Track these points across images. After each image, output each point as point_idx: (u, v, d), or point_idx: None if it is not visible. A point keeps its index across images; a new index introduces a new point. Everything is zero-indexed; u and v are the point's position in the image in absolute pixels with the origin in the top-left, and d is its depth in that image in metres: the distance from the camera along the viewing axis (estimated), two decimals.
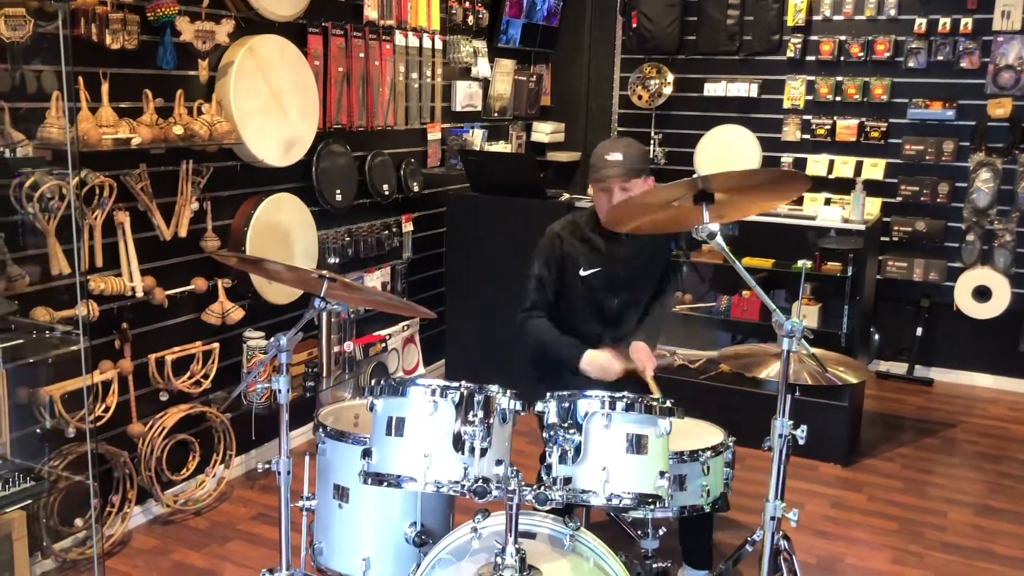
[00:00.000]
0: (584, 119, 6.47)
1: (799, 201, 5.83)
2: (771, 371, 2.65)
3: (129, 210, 3.38)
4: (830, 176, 5.77)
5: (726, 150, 5.98)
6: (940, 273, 5.58)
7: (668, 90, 6.12)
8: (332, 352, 4.35)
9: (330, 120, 4.35)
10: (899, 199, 5.59)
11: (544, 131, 6.23)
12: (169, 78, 3.49)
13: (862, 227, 4.38)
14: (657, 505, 2.19)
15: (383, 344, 4.83)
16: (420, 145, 5.15)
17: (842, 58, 5.68)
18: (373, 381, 2.37)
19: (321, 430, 2.68)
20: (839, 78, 5.70)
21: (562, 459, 2.18)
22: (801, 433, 2.33)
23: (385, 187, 4.78)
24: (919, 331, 5.65)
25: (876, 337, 5.69)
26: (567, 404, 2.23)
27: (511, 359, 4.81)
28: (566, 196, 5.01)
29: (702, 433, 2.77)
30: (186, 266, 3.70)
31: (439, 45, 5.12)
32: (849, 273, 4.73)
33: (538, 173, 4.84)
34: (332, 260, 2.22)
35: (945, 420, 5.11)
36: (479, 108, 5.62)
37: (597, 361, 2.97)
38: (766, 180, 2.46)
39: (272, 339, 2.45)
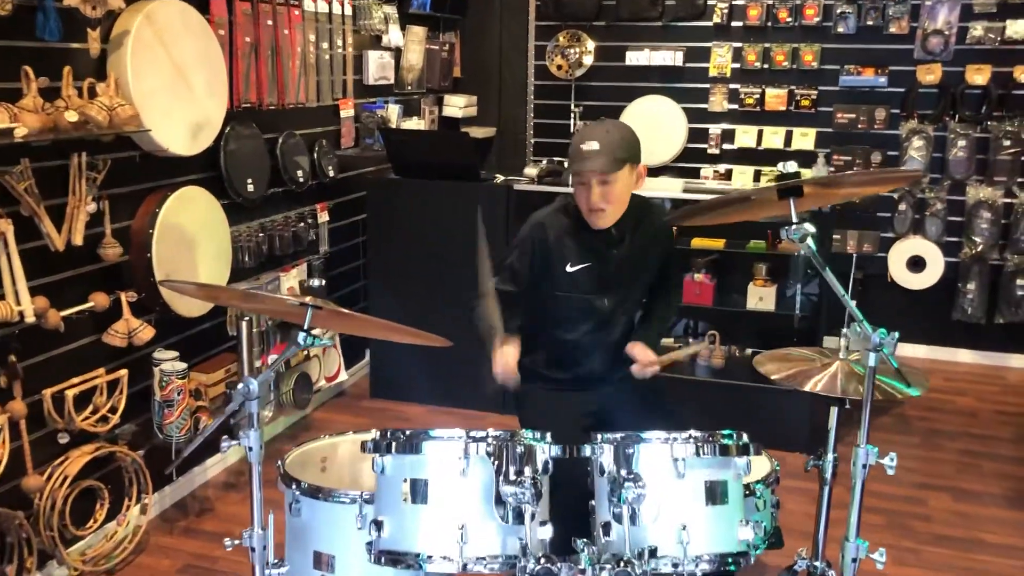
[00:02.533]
0: (498, 91, 6.02)
1: (728, 176, 5.61)
2: (820, 383, 2.32)
3: (11, 216, 2.73)
4: (759, 148, 5.55)
5: (651, 122, 5.67)
6: (873, 244, 5.47)
7: (588, 59, 5.74)
8: (254, 367, 3.79)
9: (238, 98, 3.75)
10: (832, 169, 5.42)
11: (457, 105, 5.74)
12: (53, 52, 2.84)
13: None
14: (743, 562, 1.83)
15: (304, 351, 4.28)
16: (332, 124, 4.59)
17: (770, 23, 5.45)
18: (378, 435, 1.89)
19: (295, 487, 2.18)
20: (767, 45, 5.47)
21: (632, 519, 1.78)
22: (890, 462, 2.01)
23: (299, 173, 4.21)
24: (853, 304, 5.52)
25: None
26: (629, 450, 1.83)
27: (443, 359, 4.38)
28: (501, 178, 4.57)
29: None
30: (82, 280, 3.07)
31: (348, 11, 4.56)
32: (801, 252, 4.47)
33: (474, 153, 4.39)
34: (316, 283, 1.73)
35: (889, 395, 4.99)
36: (392, 81, 5.09)
37: (497, 361, 2.51)
38: (872, 180, 2.10)
39: (239, 385, 1.93)
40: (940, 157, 5.28)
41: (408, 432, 1.89)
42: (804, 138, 5.49)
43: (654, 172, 5.63)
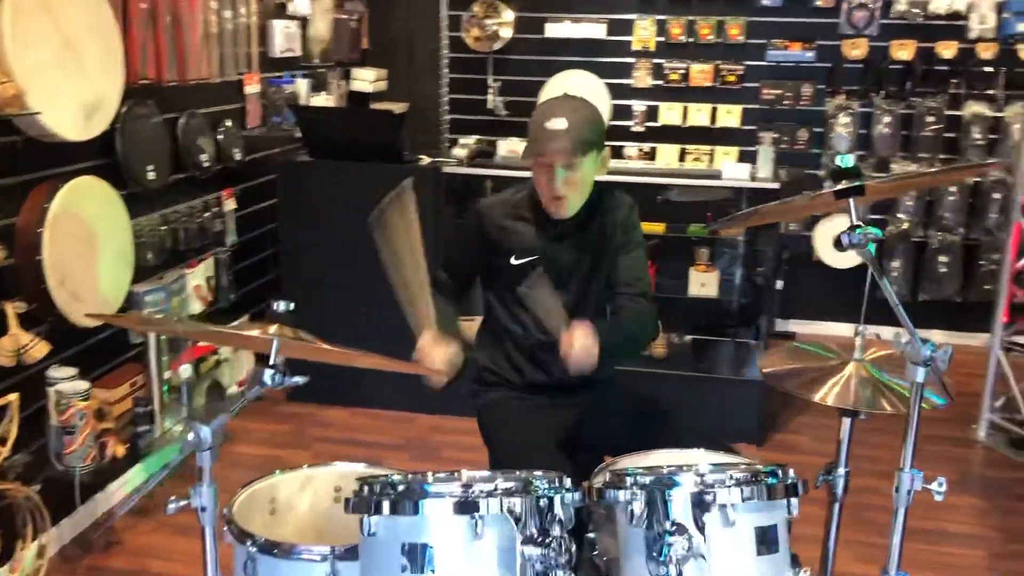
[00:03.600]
0: (408, 64, 5.64)
1: (652, 155, 5.42)
2: (833, 393, 2.11)
3: None
4: (684, 125, 5.36)
5: None
6: (800, 223, 5.38)
7: (507, 32, 5.42)
8: (163, 378, 3.36)
9: (135, 74, 3.29)
10: (758, 147, 5.28)
11: (367, 79, 5.34)
12: None
13: (776, 185, 3.97)
14: None
15: (215, 356, 3.87)
16: (237, 101, 4.14)
17: None
18: (364, 488, 1.56)
19: (250, 543, 1.82)
20: (692, 17, 5.27)
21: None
22: (939, 487, 1.82)
23: (203, 157, 3.77)
24: (779, 284, 5.44)
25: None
26: (667, 495, 1.56)
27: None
28: (427, 160, 4.22)
29: None
30: None
31: None
32: (741, 236, 4.34)
33: (397, 132, 4.03)
34: (282, 306, 1.41)
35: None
36: (299, 53, 4.65)
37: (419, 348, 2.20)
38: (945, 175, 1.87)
39: (190, 434, 1.57)
40: (866, 134, 5.22)
41: (399, 486, 1.56)
42: (730, 115, 5.34)
43: None
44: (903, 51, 5.08)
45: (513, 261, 2.44)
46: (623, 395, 2.59)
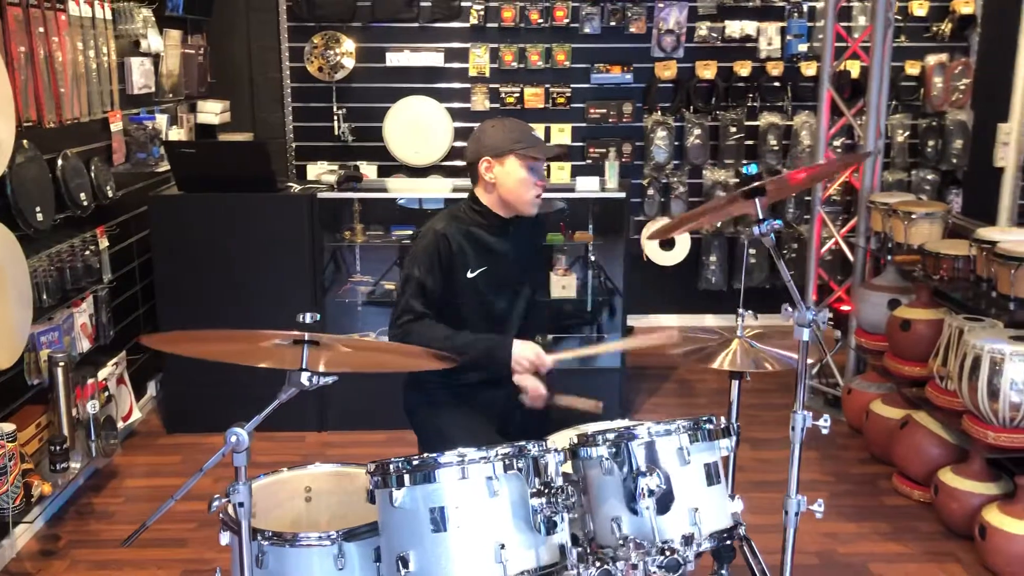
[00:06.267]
0: (250, 95, 5.75)
1: None
2: (726, 361, 2.56)
3: None
4: None
5: (416, 123, 5.73)
6: (630, 227, 5.95)
7: (349, 62, 5.66)
8: (72, 415, 3.38)
9: (19, 116, 3.31)
10: (588, 161, 5.81)
11: (213, 111, 5.41)
12: None
13: (622, 194, 4.47)
14: (733, 535, 2.01)
15: (106, 392, 3.89)
16: (103, 139, 4.17)
17: (523, 25, 5.71)
18: (385, 467, 1.84)
19: (260, 537, 2.03)
20: (522, 45, 5.73)
21: (655, 509, 1.89)
22: (825, 423, 2.29)
23: (83, 196, 3.79)
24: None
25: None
26: (626, 445, 1.93)
27: (243, 382, 4.08)
28: (296, 188, 4.41)
29: None
30: None
31: (109, 14, 4.16)
32: (591, 243, 4.81)
33: (269, 163, 4.19)
34: (306, 318, 1.56)
35: (664, 363, 5.48)
36: (153, 89, 4.70)
37: (527, 355, 2.67)
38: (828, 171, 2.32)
39: (232, 437, 1.77)
40: (680, 145, 5.86)
41: (413, 461, 1.84)
42: (562, 133, 5.83)
43: (422, 173, 5.71)
44: (707, 71, 5.77)
45: (469, 275, 2.74)
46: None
